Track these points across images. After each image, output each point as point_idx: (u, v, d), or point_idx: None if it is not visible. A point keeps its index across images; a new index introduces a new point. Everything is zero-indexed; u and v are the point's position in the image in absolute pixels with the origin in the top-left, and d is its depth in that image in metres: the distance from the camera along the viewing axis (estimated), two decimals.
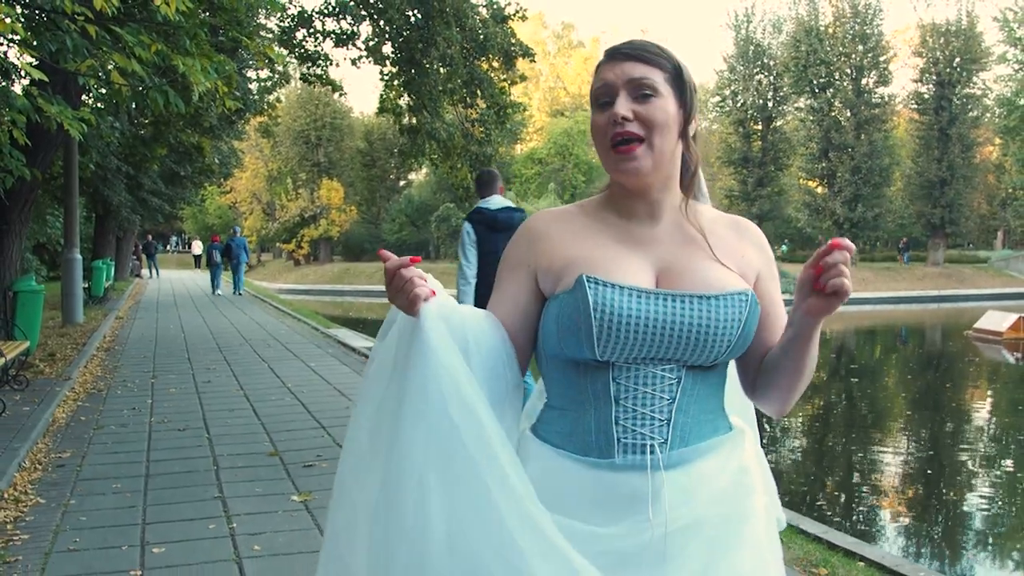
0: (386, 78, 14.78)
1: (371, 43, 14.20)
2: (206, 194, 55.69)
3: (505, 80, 15.72)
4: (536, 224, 1.81)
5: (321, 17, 14.40)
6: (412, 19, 13.46)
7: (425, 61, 13.51)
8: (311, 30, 14.52)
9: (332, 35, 14.42)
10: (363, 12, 13.87)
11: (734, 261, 1.74)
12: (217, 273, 28.88)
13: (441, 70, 13.98)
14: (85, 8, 6.05)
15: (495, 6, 14.80)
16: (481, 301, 6.05)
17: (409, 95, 14.45)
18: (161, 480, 6.24)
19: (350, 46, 14.35)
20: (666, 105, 1.68)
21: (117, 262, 31.74)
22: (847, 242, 1.54)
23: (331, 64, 14.83)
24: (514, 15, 14.97)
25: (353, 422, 1.71)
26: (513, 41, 15.13)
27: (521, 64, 16.91)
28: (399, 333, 1.66)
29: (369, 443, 1.65)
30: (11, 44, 7.02)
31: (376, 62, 14.38)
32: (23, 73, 9.43)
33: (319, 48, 14.80)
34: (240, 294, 27.49)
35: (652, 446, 1.63)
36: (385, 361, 1.69)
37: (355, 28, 14.27)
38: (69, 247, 16.36)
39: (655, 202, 1.74)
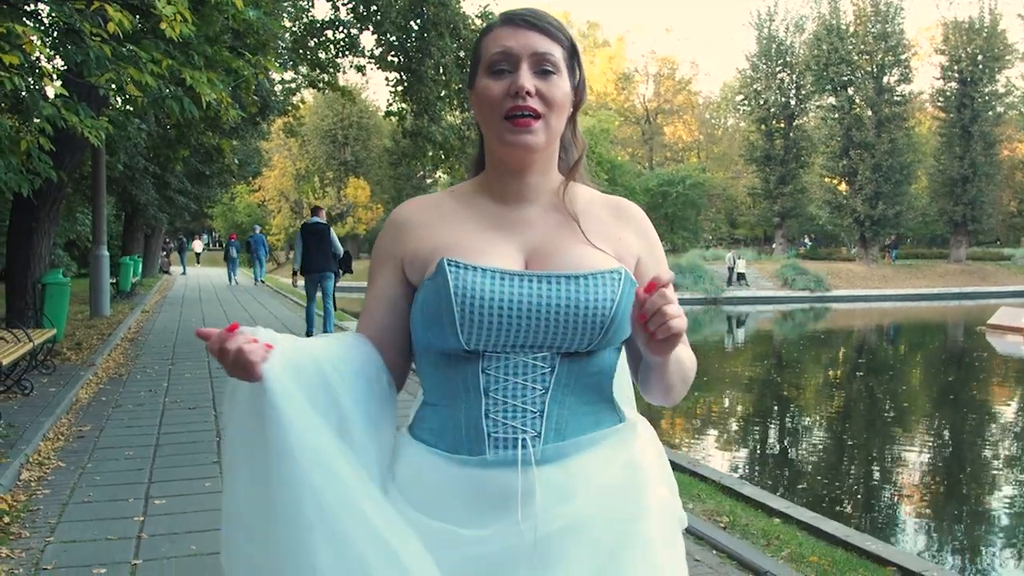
0: (391, 84, 15.56)
1: (377, 51, 14.98)
2: (236, 192, 56.76)
3: None
4: (402, 214, 1.74)
5: (324, 28, 15.17)
6: (408, 30, 14.20)
7: (422, 69, 14.27)
8: (322, 39, 15.31)
9: (340, 43, 15.19)
10: (359, 25, 14.66)
11: (609, 244, 1.67)
12: (233, 266, 32.18)
13: (438, 78, 14.71)
14: (100, 30, 6.81)
15: (490, 17, 15.50)
16: None
17: (409, 101, 15.22)
18: (168, 449, 7.02)
19: (356, 54, 15.13)
20: (564, 84, 1.64)
21: (145, 259, 32.80)
22: (661, 278, 1.46)
23: (340, 71, 15.61)
24: None
25: (228, 492, 1.60)
26: None
27: None
28: (248, 403, 1.52)
29: (247, 506, 1.54)
30: (38, 60, 7.77)
31: (383, 69, 15.16)
32: (54, 77, 10.30)
33: (328, 56, 15.60)
34: (260, 283, 30.27)
35: (524, 440, 1.55)
36: (240, 434, 1.57)
37: (357, 38, 15.04)
38: (97, 244, 17.26)
39: (531, 184, 1.68)
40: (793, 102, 55.44)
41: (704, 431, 13.82)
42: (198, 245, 50.11)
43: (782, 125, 55.52)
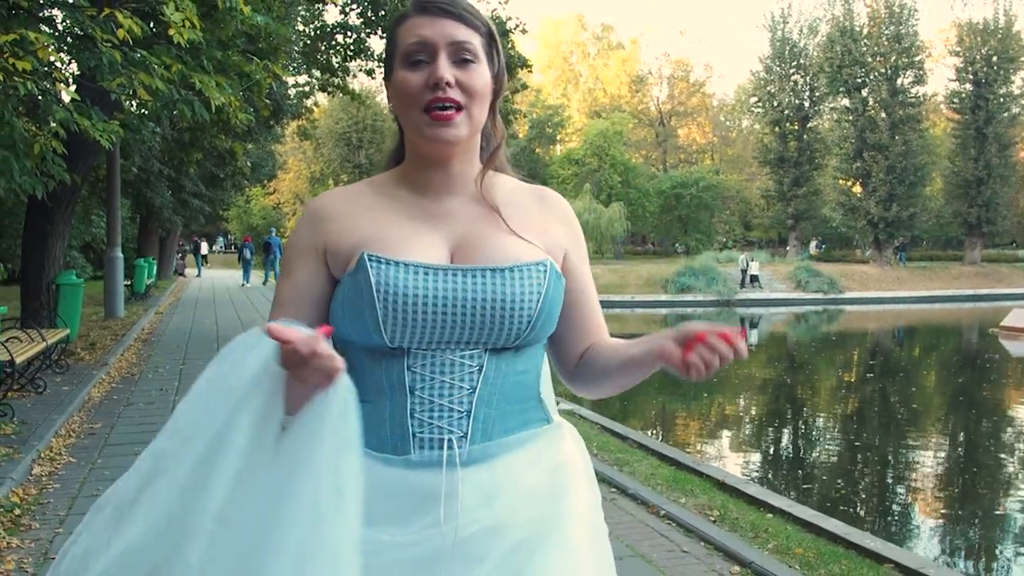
0: None
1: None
2: (251, 195, 57.14)
3: (507, 89, 16.57)
4: (322, 204, 1.67)
5: (335, 33, 15.39)
6: None
7: None
8: (332, 43, 15.52)
9: (350, 47, 15.41)
10: (368, 29, 14.87)
11: (535, 235, 1.64)
12: (247, 268, 33.96)
13: None
14: (111, 36, 6.98)
15: (497, 20, 15.70)
16: None
17: None
18: None
19: (365, 58, 15.35)
20: (484, 72, 1.60)
21: (160, 261, 33.14)
22: (743, 349, 1.49)
23: (350, 75, 15.83)
24: (515, 29, 15.88)
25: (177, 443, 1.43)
26: (512, 53, 16.02)
27: (538, 67, 17.70)
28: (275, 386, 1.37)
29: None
30: (54, 67, 7.95)
31: None
32: (69, 81, 10.52)
33: (338, 60, 15.82)
34: (265, 283, 32.00)
35: (450, 440, 1.52)
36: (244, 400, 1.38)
37: (366, 42, 15.27)
38: (111, 246, 17.47)
39: (454, 174, 1.64)
40: (807, 104, 55.39)
41: (714, 431, 13.91)
42: (203, 248, 50.56)
43: (796, 127, 55.47)
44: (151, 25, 8.23)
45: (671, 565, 4.53)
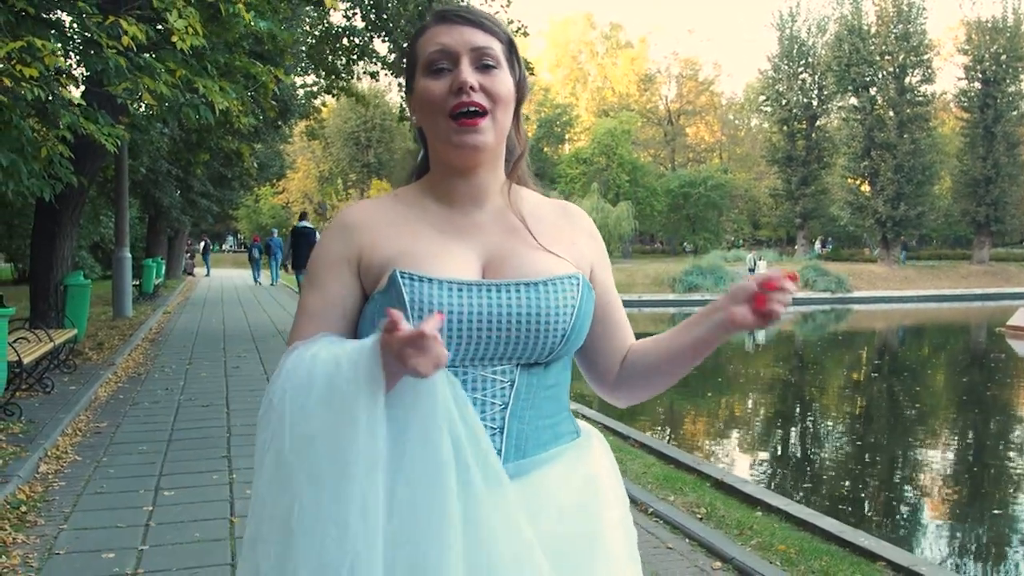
0: (404, 90, 15.95)
1: (390, 58, 15.38)
2: (260, 195, 57.46)
3: None
4: (353, 215, 1.65)
5: (341, 36, 15.57)
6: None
7: None
8: (338, 45, 15.69)
9: (354, 50, 15.59)
10: (372, 32, 15.05)
11: (564, 248, 1.63)
12: (256, 267, 34.54)
13: None
14: (116, 42, 7.13)
15: None
16: None
17: None
18: (180, 444, 7.34)
19: (370, 61, 15.52)
20: (507, 78, 1.59)
21: (169, 261, 33.38)
22: (794, 278, 1.52)
23: (354, 77, 16.02)
24: (516, 32, 16.00)
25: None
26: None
27: (546, 66, 17.85)
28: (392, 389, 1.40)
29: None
30: (62, 73, 8.12)
31: (396, 75, 15.54)
32: (79, 83, 10.69)
33: (342, 63, 16.00)
34: (273, 284, 32.07)
35: None
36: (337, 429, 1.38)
37: (369, 44, 15.46)
38: (119, 246, 17.66)
39: (480, 185, 1.62)
40: (815, 103, 55.48)
41: (718, 430, 14.02)
42: (202, 246, 50.88)
43: (804, 126, 55.54)
44: (157, 28, 8.37)
45: (655, 561, 4.66)
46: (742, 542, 5.00)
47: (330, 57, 16.38)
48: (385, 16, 14.62)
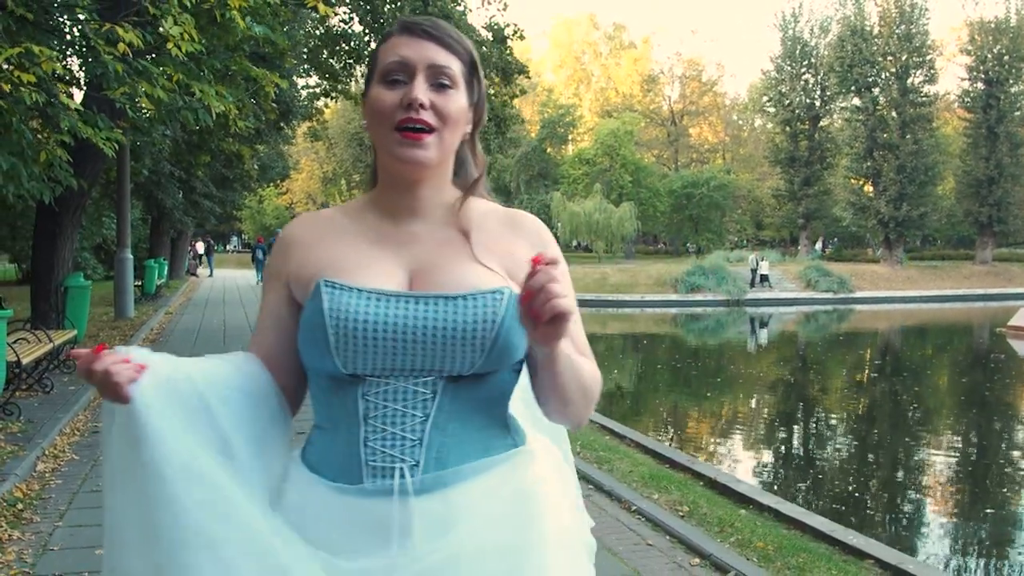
0: None
1: None
2: (264, 195, 57.65)
3: (505, 95, 16.91)
4: (291, 230, 1.71)
5: (339, 40, 15.72)
6: None
7: None
8: (337, 48, 15.84)
9: (351, 52, 15.73)
10: (370, 35, 15.21)
11: (498, 259, 1.60)
12: (260, 267, 35.10)
13: None
14: (113, 48, 7.24)
15: (495, 27, 15.97)
16: None
17: None
18: None
19: (367, 63, 15.67)
20: (461, 99, 1.60)
21: (172, 262, 33.50)
22: (545, 255, 1.39)
23: (354, 80, 16.16)
24: (512, 35, 16.16)
25: (111, 516, 1.55)
26: (510, 60, 16.32)
27: (549, 67, 18.01)
28: (121, 425, 1.50)
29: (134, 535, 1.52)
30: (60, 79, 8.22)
31: None
32: (83, 85, 10.80)
33: (340, 65, 16.15)
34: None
35: (401, 469, 1.50)
36: (117, 456, 1.54)
37: (367, 47, 15.60)
38: (121, 247, 17.79)
39: (422, 199, 1.64)
40: (818, 103, 55.48)
41: (716, 430, 14.12)
42: (200, 247, 50.99)
43: (806, 126, 55.56)
44: (156, 33, 8.48)
45: (634, 557, 4.77)
46: (722, 539, 5.11)
47: (330, 60, 16.55)
48: (382, 20, 14.78)
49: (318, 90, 23.09)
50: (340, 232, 1.64)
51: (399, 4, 14.62)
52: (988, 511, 9.73)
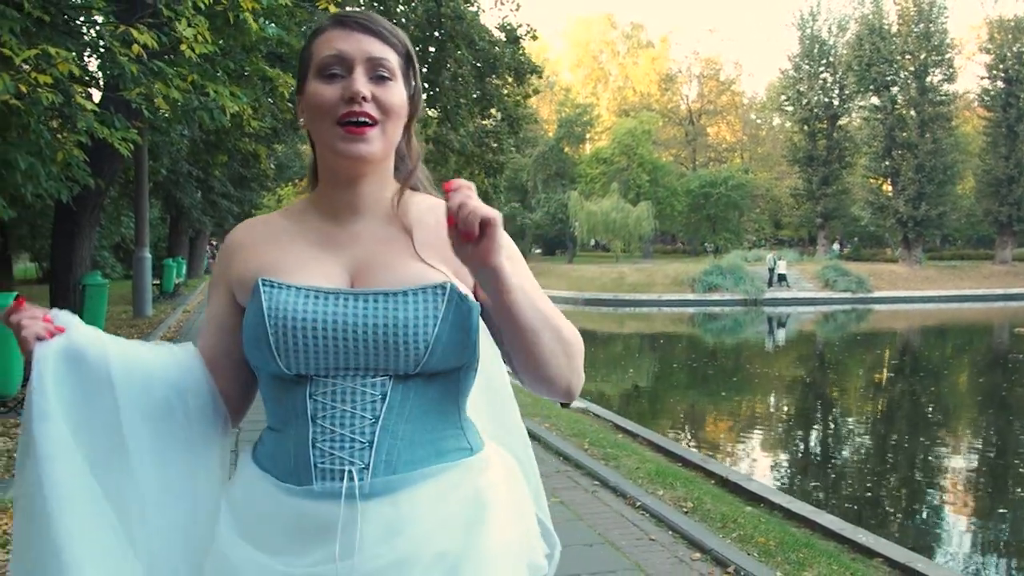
0: None
1: None
2: (282, 195, 57.92)
3: (518, 95, 17.02)
4: (235, 235, 1.70)
5: None
6: (427, 42, 14.89)
7: (438, 80, 14.91)
8: None
9: None
10: None
11: (441, 256, 1.54)
12: None
13: (456, 87, 15.37)
14: (128, 50, 7.36)
15: (508, 28, 16.08)
16: None
17: (436, 109, 15.91)
18: None
19: None
20: (400, 91, 1.58)
21: (190, 260, 33.72)
22: (457, 181, 1.39)
23: None
24: (526, 35, 16.27)
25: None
26: (523, 60, 16.42)
27: (567, 66, 18.11)
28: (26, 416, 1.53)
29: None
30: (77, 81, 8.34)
31: None
32: (101, 85, 10.93)
33: None
34: None
35: (350, 472, 1.47)
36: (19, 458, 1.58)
37: None
38: (139, 246, 17.97)
39: (363, 195, 1.61)
40: (836, 102, 55.22)
41: (734, 429, 14.13)
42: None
43: (825, 125, 55.32)
44: (171, 32, 8.59)
45: (636, 551, 4.83)
46: (724, 535, 5.17)
47: None
48: (394, 21, 14.88)
49: None
50: (280, 234, 1.64)
51: (412, 4, 14.75)
52: (1003, 511, 9.72)
